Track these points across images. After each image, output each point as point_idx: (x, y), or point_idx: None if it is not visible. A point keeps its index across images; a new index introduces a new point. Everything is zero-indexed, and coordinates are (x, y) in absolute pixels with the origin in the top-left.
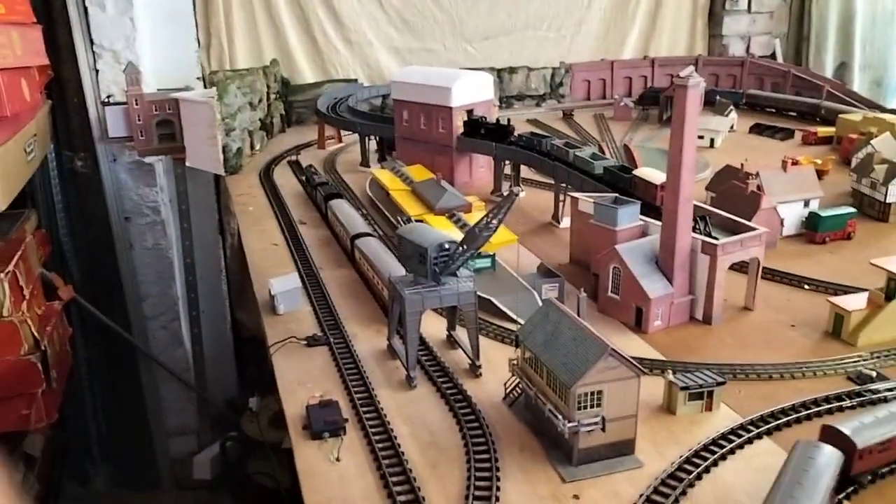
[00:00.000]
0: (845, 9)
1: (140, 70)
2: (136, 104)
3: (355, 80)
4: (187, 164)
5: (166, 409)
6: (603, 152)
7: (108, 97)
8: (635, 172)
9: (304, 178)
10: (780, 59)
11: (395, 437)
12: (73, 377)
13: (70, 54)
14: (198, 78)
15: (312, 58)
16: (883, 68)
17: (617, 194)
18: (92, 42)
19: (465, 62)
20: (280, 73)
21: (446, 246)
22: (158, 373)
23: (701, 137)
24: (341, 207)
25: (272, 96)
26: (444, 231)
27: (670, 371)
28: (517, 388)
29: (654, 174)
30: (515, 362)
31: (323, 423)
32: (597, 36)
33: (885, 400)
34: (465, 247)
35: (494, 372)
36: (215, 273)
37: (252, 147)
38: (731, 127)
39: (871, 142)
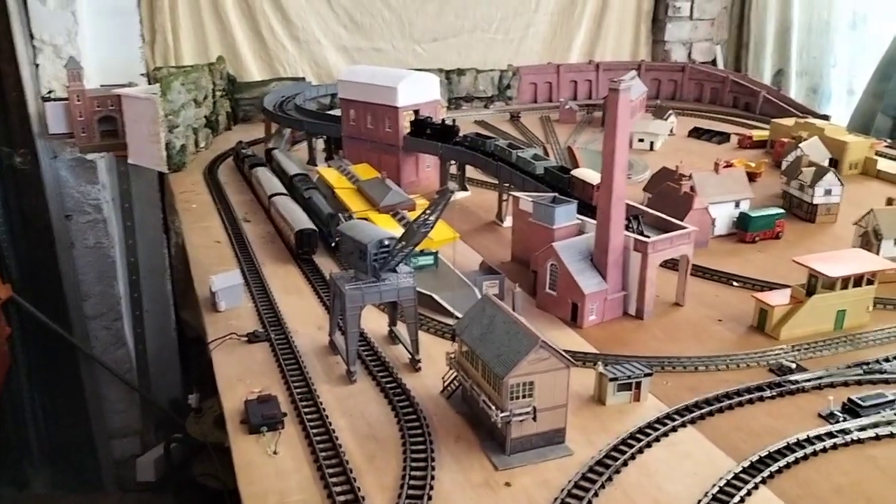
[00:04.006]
0: (783, 18)
1: (82, 65)
2: (78, 100)
3: (303, 79)
4: (129, 160)
5: (109, 410)
6: (547, 154)
7: (49, 93)
8: (573, 173)
9: (234, 153)
10: (720, 65)
11: (333, 431)
12: (11, 378)
13: (9, 48)
14: (142, 74)
15: (260, 55)
16: (818, 76)
17: (556, 194)
18: (32, 36)
19: (414, 63)
20: (226, 71)
21: (385, 242)
22: (100, 373)
23: (641, 140)
24: (263, 173)
25: (218, 93)
26: (387, 228)
27: (601, 363)
28: (454, 381)
29: (591, 174)
30: (453, 356)
31: (261, 417)
32: (544, 39)
33: (804, 390)
34: (403, 243)
35: (434, 366)
36: (159, 272)
37: (197, 144)
38: (671, 131)
39: (800, 145)
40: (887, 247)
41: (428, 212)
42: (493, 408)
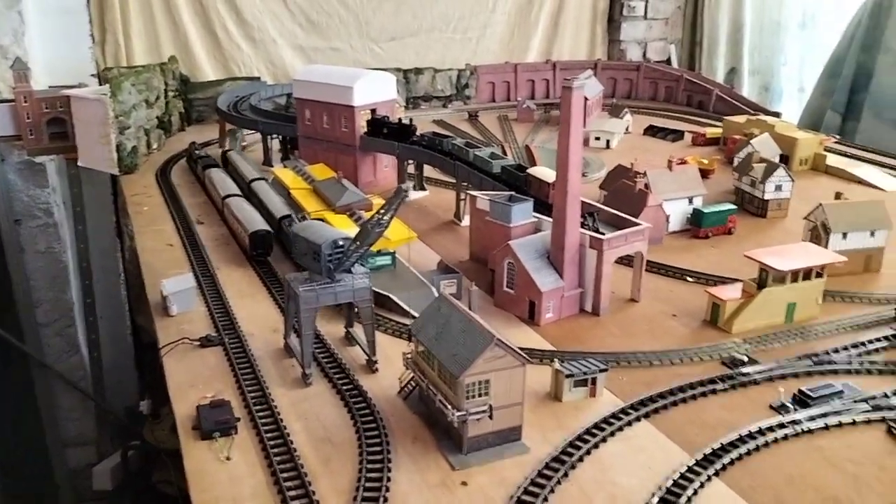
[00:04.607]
0: (735, 17)
1: (29, 66)
2: (25, 101)
3: (258, 79)
4: (79, 163)
5: (63, 419)
6: (505, 153)
7: None
8: (529, 171)
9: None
10: (675, 64)
11: (288, 435)
12: None
13: None
14: (92, 75)
15: (213, 55)
16: (770, 74)
17: (512, 192)
18: None
19: (372, 62)
20: (179, 71)
21: (340, 243)
22: (54, 381)
23: (597, 139)
24: (216, 174)
25: (170, 94)
26: (343, 228)
27: (557, 360)
28: (411, 382)
29: (547, 173)
30: (409, 356)
31: (213, 422)
32: (501, 39)
33: (756, 382)
34: (358, 243)
35: (391, 366)
36: (113, 276)
37: (149, 146)
38: (627, 129)
39: (752, 142)
40: (835, 240)
41: (382, 211)
42: (450, 407)
